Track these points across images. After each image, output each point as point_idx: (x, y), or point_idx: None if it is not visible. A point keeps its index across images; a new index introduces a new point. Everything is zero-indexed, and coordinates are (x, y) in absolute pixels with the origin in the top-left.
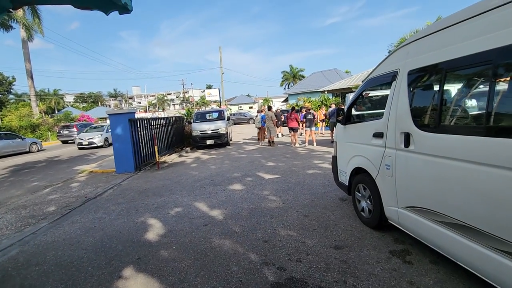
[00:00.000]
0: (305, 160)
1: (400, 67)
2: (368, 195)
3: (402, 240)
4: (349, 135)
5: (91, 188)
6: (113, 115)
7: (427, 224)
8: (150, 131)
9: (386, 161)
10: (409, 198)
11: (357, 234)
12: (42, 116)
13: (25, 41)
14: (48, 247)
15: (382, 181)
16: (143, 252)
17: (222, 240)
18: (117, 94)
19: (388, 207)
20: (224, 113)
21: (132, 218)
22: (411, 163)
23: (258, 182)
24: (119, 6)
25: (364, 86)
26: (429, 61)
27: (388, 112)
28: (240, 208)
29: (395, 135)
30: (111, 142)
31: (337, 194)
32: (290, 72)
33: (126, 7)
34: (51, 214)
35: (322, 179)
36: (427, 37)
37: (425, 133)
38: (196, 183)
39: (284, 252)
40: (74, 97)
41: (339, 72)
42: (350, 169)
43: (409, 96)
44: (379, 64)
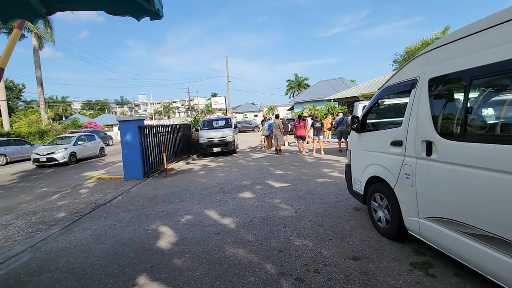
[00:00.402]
0: (314, 168)
1: (420, 74)
2: (385, 205)
3: (423, 252)
4: (365, 143)
5: (100, 194)
6: (123, 122)
7: (453, 235)
8: (158, 138)
9: (406, 170)
10: (432, 208)
11: (375, 245)
12: (50, 122)
13: (36, 50)
14: (60, 253)
15: (402, 191)
16: (156, 260)
17: (236, 249)
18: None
19: (408, 217)
20: (231, 120)
21: (143, 225)
22: (434, 172)
23: (268, 191)
24: (151, 12)
25: (381, 94)
26: (452, 69)
27: (408, 120)
28: (252, 217)
29: (416, 144)
30: (80, 157)
31: (350, 203)
32: (295, 81)
33: (158, 13)
34: (61, 220)
35: (333, 188)
36: (450, 44)
37: (449, 141)
38: (205, 191)
39: (301, 262)
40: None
41: (344, 81)
42: (366, 178)
43: (430, 104)
44: (396, 73)
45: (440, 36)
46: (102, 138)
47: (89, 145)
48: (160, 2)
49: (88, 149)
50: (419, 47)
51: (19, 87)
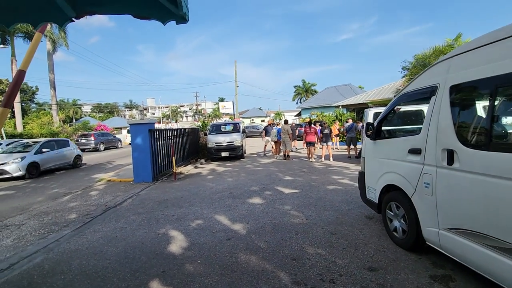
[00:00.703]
0: (323, 175)
1: (440, 81)
2: (401, 214)
3: (442, 264)
4: (380, 150)
5: (110, 196)
6: (134, 125)
7: (477, 248)
8: (168, 142)
9: (425, 179)
10: (454, 219)
11: (391, 255)
12: (61, 124)
13: (50, 54)
14: (72, 255)
15: (420, 200)
16: (168, 265)
17: (248, 256)
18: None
19: (427, 228)
20: (239, 125)
21: (154, 229)
22: (456, 181)
23: (278, 196)
24: (178, 16)
25: (397, 101)
26: (477, 76)
27: (427, 128)
28: (263, 223)
29: (436, 152)
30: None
31: (362, 212)
32: (303, 87)
33: (184, 17)
34: (73, 222)
35: (344, 195)
36: (474, 51)
37: (472, 150)
38: (215, 195)
39: (315, 271)
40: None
41: (353, 87)
42: (381, 186)
43: (452, 112)
44: (413, 79)
45: (452, 43)
46: (111, 140)
47: (58, 153)
48: (187, 6)
49: (58, 158)
50: (430, 54)
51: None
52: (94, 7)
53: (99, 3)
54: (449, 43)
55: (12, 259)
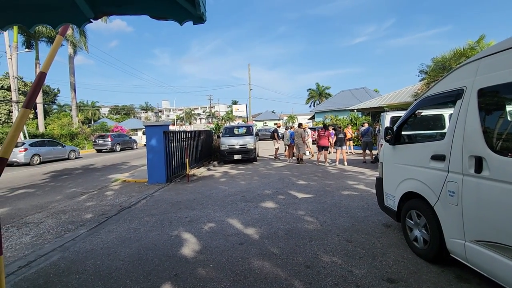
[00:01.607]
0: (337, 180)
1: (467, 84)
2: (423, 224)
3: (467, 278)
4: (400, 156)
5: (125, 197)
6: (149, 127)
7: (508, 263)
8: (182, 144)
9: (450, 187)
10: (482, 231)
11: (411, 267)
12: (80, 125)
13: (71, 57)
14: (87, 255)
15: (444, 210)
16: (180, 268)
17: (261, 262)
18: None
19: (451, 239)
20: (252, 128)
21: (166, 231)
22: (485, 191)
23: (291, 201)
24: (195, 17)
25: (419, 105)
26: (509, 78)
27: (452, 133)
28: (276, 228)
29: (462, 159)
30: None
31: (379, 219)
32: (316, 90)
33: (201, 17)
34: (88, 221)
35: (359, 201)
36: (505, 52)
37: (504, 158)
38: (227, 199)
39: (331, 281)
40: (109, 109)
41: (368, 91)
42: (400, 193)
43: (480, 116)
44: (437, 82)
45: (474, 45)
46: (127, 141)
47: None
48: (204, 5)
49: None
50: (450, 57)
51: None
52: (112, 8)
53: (117, 3)
54: (471, 45)
55: (30, 257)
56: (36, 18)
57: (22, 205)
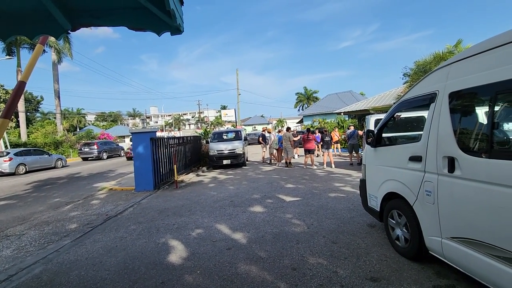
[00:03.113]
0: (325, 182)
1: (440, 88)
2: (404, 223)
3: (445, 274)
4: (381, 158)
5: (112, 206)
6: (136, 134)
7: (481, 258)
8: (169, 150)
9: (427, 186)
10: (457, 228)
11: (393, 265)
12: (65, 133)
13: (55, 64)
14: (71, 266)
15: (422, 208)
16: (167, 276)
17: (248, 266)
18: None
19: (429, 237)
20: (241, 133)
21: (154, 239)
22: (457, 189)
23: (279, 205)
24: (173, 28)
25: (397, 108)
26: (476, 82)
27: (427, 135)
28: (264, 232)
29: (437, 159)
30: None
31: (364, 220)
32: (304, 94)
33: (179, 28)
34: (73, 232)
35: (346, 203)
36: (473, 57)
37: (474, 157)
38: (216, 204)
39: (316, 282)
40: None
41: (354, 94)
42: (382, 194)
43: (452, 119)
44: (413, 86)
45: (452, 49)
46: (114, 149)
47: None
48: (181, 17)
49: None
50: (431, 60)
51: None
52: (90, 19)
53: (95, 15)
54: (450, 49)
55: (11, 270)
56: (12, 29)
57: (2, 217)
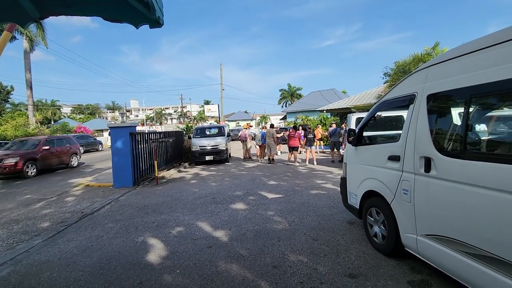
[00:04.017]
0: (307, 179)
1: (418, 90)
2: (381, 220)
3: (419, 270)
4: (361, 156)
5: (88, 203)
6: (114, 128)
7: (452, 255)
8: (150, 145)
9: (404, 185)
10: (431, 226)
11: (371, 261)
12: (38, 126)
13: (27, 52)
14: (42, 267)
15: (399, 206)
16: (145, 275)
17: (229, 265)
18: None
19: (405, 234)
20: (224, 129)
21: (132, 237)
22: (432, 189)
23: (261, 202)
24: (151, 20)
25: (377, 108)
26: (452, 86)
27: (406, 135)
28: (245, 229)
29: (414, 159)
30: None
31: (344, 217)
32: (288, 91)
33: (158, 21)
34: (45, 231)
35: (327, 200)
36: (450, 61)
37: (448, 158)
38: (197, 201)
39: (296, 279)
40: (72, 108)
41: (337, 92)
42: (362, 192)
43: (429, 120)
44: (393, 87)
45: (430, 51)
46: (91, 143)
47: None
48: (161, 10)
49: None
50: (410, 61)
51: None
52: (60, 8)
53: (67, 4)
54: (428, 51)
55: None
56: None
57: None
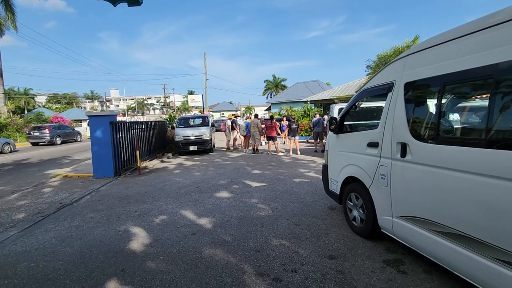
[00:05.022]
0: (290, 168)
1: (397, 79)
2: (360, 204)
3: (394, 250)
4: (342, 144)
5: (66, 193)
6: (93, 117)
7: (424, 234)
8: (132, 135)
9: (381, 170)
10: (405, 208)
11: (350, 243)
12: (11, 115)
13: None
14: (19, 258)
15: (376, 191)
16: (128, 263)
17: (213, 250)
18: (94, 96)
19: (382, 216)
20: (208, 119)
21: (114, 226)
22: (407, 173)
23: (245, 190)
24: None
25: (358, 97)
26: (427, 74)
27: (384, 122)
28: (229, 217)
29: (391, 145)
30: None
31: (325, 203)
32: (273, 82)
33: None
34: (21, 222)
35: (309, 187)
36: (426, 51)
37: (422, 143)
38: (181, 190)
39: (278, 262)
40: (47, 98)
41: (320, 83)
42: (342, 178)
43: (406, 107)
44: (374, 76)
45: (410, 44)
46: (69, 133)
47: None
48: None
49: None
50: (391, 54)
51: None
52: None
53: None
54: (408, 44)
55: None
56: None
57: None
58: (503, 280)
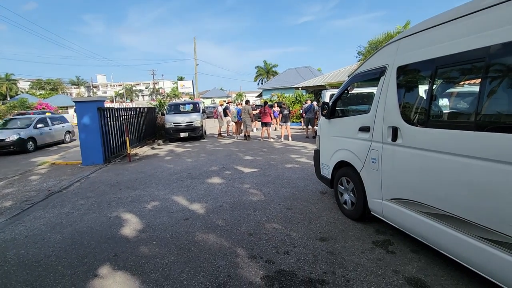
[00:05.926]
0: (282, 154)
1: (389, 63)
2: (351, 188)
3: (383, 231)
4: (334, 129)
5: (55, 181)
6: (80, 103)
7: (412, 215)
8: (121, 122)
9: (372, 154)
10: (395, 191)
11: (341, 226)
12: None
13: None
14: (8, 245)
15: (367, 174)
16: (120, 248)
17: (206, 235)
18: (80, 82)
19: (372, 199)
20: (199, 105)
21: (105, 213)
22: (398, 156)
23: (237, 176)
24: None
25: (351, 81)
26: (419, 58)
27: (376, 107)
28: (222, 202)
29: (383, 129)
30: None
31: (317, 188)
32: (264, 68)
33: None
34: (8, 210)
35: (301, 173)
36: (418, 34)
37: (413, 127)
38: (172, 176)
39: (271, 245)
40: (30, 83)
41: (312, 69)
42: (334, 162)
43: (398, 92)
44: (366, 60)
45: (401, 30)
46: None
47: None
48: None
49: None
50: (382, 39)
51: None
52: None
53: None
54: (399, 29)
55: None
56: None
57: None
58: (487, 257)
